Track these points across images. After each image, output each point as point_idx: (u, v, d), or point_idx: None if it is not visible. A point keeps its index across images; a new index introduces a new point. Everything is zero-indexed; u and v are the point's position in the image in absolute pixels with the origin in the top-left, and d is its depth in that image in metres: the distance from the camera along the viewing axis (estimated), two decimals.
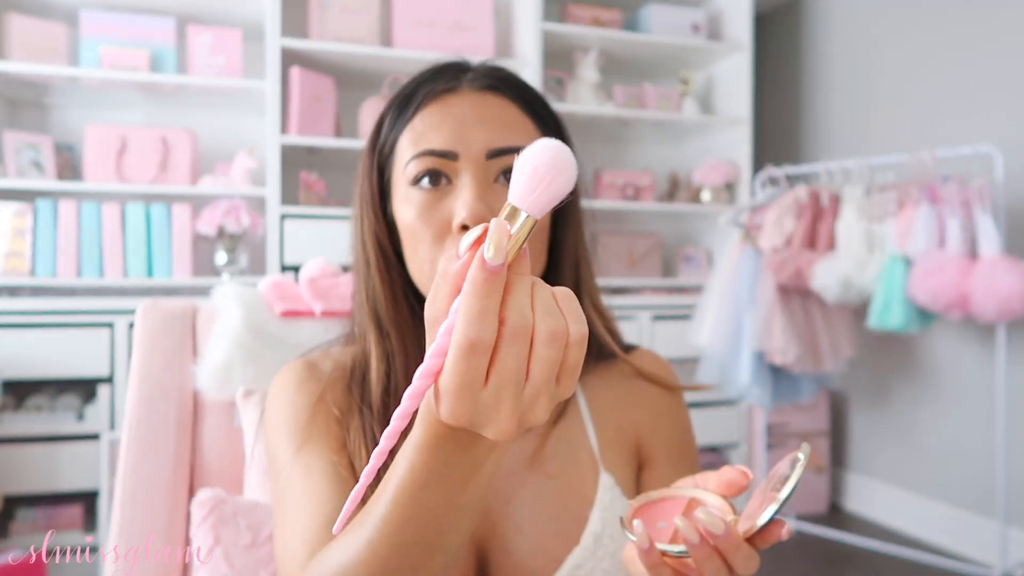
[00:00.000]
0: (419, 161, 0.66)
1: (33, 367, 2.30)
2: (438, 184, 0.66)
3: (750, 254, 2.64)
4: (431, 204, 0.66)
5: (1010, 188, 2.40)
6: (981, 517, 2.56)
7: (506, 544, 0.68)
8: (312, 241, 2.59)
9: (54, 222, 2.40)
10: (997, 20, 2.54)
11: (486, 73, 0.70)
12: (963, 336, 2.65)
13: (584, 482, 0.71)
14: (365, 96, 2.81)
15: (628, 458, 0.75)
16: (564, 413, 0.74)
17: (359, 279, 0.73)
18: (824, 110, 3.32)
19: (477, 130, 0.66)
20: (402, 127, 0.69)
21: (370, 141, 0.72)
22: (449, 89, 0.68)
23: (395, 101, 0.71)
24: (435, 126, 0.67)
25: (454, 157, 0.66)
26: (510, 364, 0.36)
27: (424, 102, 0.68)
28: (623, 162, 3.41)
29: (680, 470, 0.75)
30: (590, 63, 2.95)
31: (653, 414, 0.77)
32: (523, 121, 0.69)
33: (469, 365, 0.36)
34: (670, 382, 0.79)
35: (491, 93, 0.69)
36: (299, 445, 0.67)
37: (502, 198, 0.65)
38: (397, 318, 0.69)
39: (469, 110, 0.67)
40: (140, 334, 0.96)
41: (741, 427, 3.05)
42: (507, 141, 0.67)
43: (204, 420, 0.96)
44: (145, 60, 2.52)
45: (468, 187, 0.65)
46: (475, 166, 0.66)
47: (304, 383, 0.71)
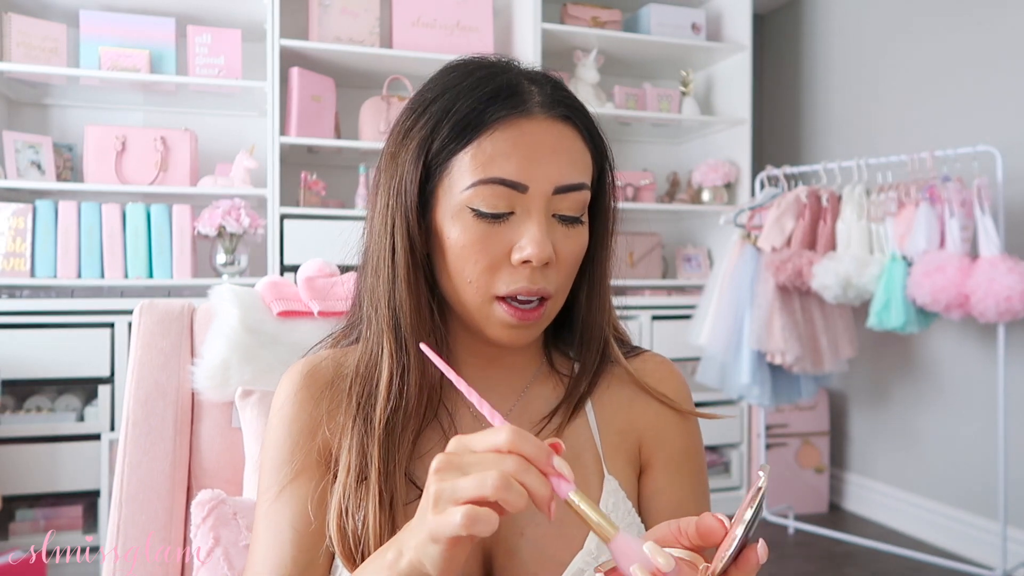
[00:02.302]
0: (487, 188, 0.63)
1: (33, 367, 2.30)
2: (500, 218, 0.64)
3: (750, 254, 2.64)
4: (490, 231, 0.64)
5: (1010, 188, 2.40)
6: (981, 517, 2.56)
7: (510, 547, 0.68)
8: (312, 241, 2.59)
9: (54, 222, 2.40)
10: (997, 20, 2.54)
11: (555, 98, 0.67)
12: (963, 336, 2.65)
13: (588, 485, 0.70)
14: (365, 96, 2.81)
15: (631, 462, 0.74)
16: (572, 415, 0.73)
17: (379, 284, 0.68)
18: (824, 110, 3.32)
19: (548, 164, 0.64)
20: (465, 143, 0.64)
21: (417, 144, 0.66)
22: (522, 113, 0.65)
23: (455, 109, 0.65)
24: (506, 154, 0.63)
25: (523, 190, 0.63)
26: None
27: (494, 124, 0.64)
28: (623, 162, 3.41)
29: (679, 480, 0.74)
30: (590, 63, 2.95)
31: (658, 419, 0.75)
32: (585, 153, 0.68)
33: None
34: (674, 400, 0.76)
35: (562, 123, 0.66)
36: (283, 484, 0.68)
37: (559, 232, 0.65)
38: (420, 330, 0.67)
39: (542, 140, 0.65)
40: (138, 334, 0.96)
41: (741, 427, 3.05)
42: (573, 178, 0.66)
43: (202, 420, 0.96)
44: (145, 60, 2.52)
45: (536, 224, 0.63)
46: (542, 201, 0.64)
47: (304, 403, 0.71)
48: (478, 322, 0.67)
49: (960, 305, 2.16)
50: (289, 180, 2.77)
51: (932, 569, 2.47)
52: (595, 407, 0.75)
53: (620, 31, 3.01)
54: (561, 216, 0.66)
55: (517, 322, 0.65)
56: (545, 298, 0.66)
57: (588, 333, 0.74)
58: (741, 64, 3.12)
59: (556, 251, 0.65)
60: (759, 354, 2.56)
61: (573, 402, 0.73)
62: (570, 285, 0.70)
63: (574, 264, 0.68)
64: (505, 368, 0.74)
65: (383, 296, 0.68)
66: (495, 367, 0.74)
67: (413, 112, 0.68)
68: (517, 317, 0.65)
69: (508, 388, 0.74)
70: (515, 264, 0.64)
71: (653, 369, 0.78)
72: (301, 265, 1.02)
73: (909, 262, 2.33)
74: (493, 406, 0.62)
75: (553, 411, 0.73)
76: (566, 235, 0.66)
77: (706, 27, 3.15)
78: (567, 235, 0.66)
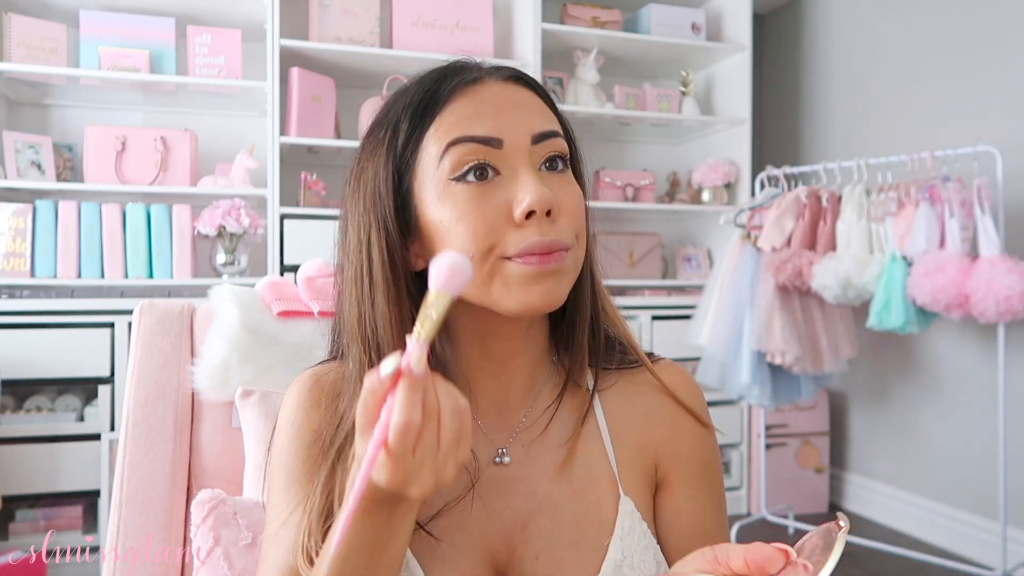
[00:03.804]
0: (459, 149, 0.60)
1: (33, 367, 2.30)
2: (485, 177, 0.61)
3: (750, 254, 2.64)
4: (480, 198, 0.60)
5: (1010, 188, 2.40)
6: (981, 518, 2.56)
7: (524, 570, 0.65)
8: (312, 241, 2.59)
9: (54, 222, 2.40)
10: (997, 20, 2.54)
11: (503, 67, 0.67)
12: (963, 336, 2.64)
13: (603, 506, 0.68)
14: (365, 96, 2.81)
15: (646, 480, 0.71)
16: (583, 426, 0.70)
17: (354, 297, 0.65)
18: (824, 110, 3.32)
19: (517, 116, 0.62)
20: (427, 123, 0.62)
21: (384, 150, 0.64)
22: (474, 80, 0.64)
23: (409, 102, 0.64)
24: (470, 115, 0.61)
25: (498, 144, 0.61)
26: (428, 437, 0.48)
27: (450, 96, 0.62)
28: (623, 162, 3.41)
29: (699, 495, 0.71)
30: (590, 63, 2.95)
31: (674, 432, 0.72)
32: (548, 110, 0.66)
33: (404, 442, 0.46)
34: (698, 410, 0.73)
35: (514, 83, 0.65)
36: (293, 506, 0.65)
37: (551, 182, 0.62)
38: (401, 346, 0.62)
39: (503, 99, 0.63)
40: (138, 334, 0.96)
41: (741, 427, 3.05)
42: (547, 125, 0.63)
43: (202, 420, 0.96)
44: (145, 60, 2.52)
45: (525, 173, 0.61)
46: (524, 152, 0.62)
47: (309, 413, 0.68)
48: (493, 297, 0.61)
49: (960, 305, 2.16)
50: (289, 180, 2.77)
51: (932, 569, 2.47)
52: (609, 420, 0.71)
53: (620, 31, 3.01)
54: (548, 164, 0.63)
55: (538, 269, 0.59)
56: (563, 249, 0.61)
57: (580, 312, 0.70)
58: (741, 64, 3.12)
59: (556, 201, 0.61)
60: (759, 354, 2.56)
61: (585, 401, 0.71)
62: (584, 239, 0.65)
63: (579, 214, 0.64)
64: (517, 367, 0.70)
65: (354, 311, 0.64)
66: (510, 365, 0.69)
67: (372, 130, 0.67)
68: (538, 263, 0.59)
69: (520, 394, 0.71)
70: (519, 221, 0.60)
71: (670, 379, 0.74)
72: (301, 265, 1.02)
73: (909, 262, 2.32)
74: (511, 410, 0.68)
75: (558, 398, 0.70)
76: (560, 185, 0.63)
77: (706, 27, 3.15)
78: (561, 185, 0.63)
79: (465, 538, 0.66)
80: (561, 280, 0.62)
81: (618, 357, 0.74)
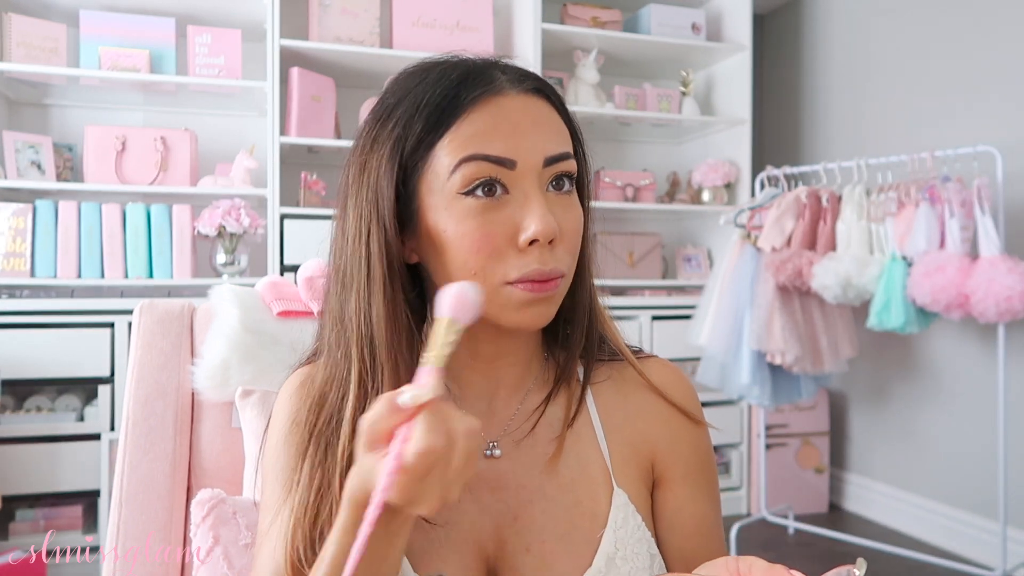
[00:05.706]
0: (472, 166, 0.60)
1: (33, 367, 2.30)
2: (493, 194, 0.61)
3: (750, 254, 2.64)
4: (487, 215, 0.61)
5: (1010, 188, 2.40)
6: (981, 518, 2.56)
7: (515, 564, 0.65)
8: (312, 241, 2.59)
9: (54, 222, 2.40)
10: (997, 20, 2.54)
11: (522, 74, 0.66)
12: (963, 336, 2.64)
13: (596, 499, 0.68)
14: (365, 96, 2.81)
15: (642, 475, 0.71)
16: (576, 420, 0.70)
17: (349, 295, 0.64)
18: (824, 110, 3.32)
19: (533, 137, 0.62)
20: (442, 130, 0.62)
21: (390, 147, 0.63)
22: (496, 91, 0.63)
23: (425, 101, 0.63)
24: (487, 131, 0.61)
25: (511, 166, 0.61)
26: (444, 460, 0.49)
27: (469, 106, 0.62)
28: (623, 162, 3.41)
29: (699, 494, 0.71)
30: (590, 63, 2.95)
31: (671, 430, 0.72)
32: (562, 125, 0.66)
33: (425, 465, 0.48)
34: (690, 408, 0.73)
35: (535, 96, 0.65)
36: (283, 500, 0.65)
37: (556, 206, 0.63)
38: (396, 346, 0.62)
39: (521, 115, 0.63)
40: (138, 334, 0.96)
41: (741, 427, 3.05)
42: (560, 147, 0.64)
43: (202, 420, 0.96)
44: (145, 60, 2.53)
45: (535, 200, 0.61)
46: (534, 175, 0.62)
47: (298, 418, 0.68)
48: (492, 312, 0.63)
49: (960, 305, 2.16)
50: (289, 180, 2.77)
51: (932, 569, 2.47)
52: (602, 415, 0.72)
53: (620, 31, 3.01)
54: (555, 187, 0.64)
55: (534, 296, 0.62)
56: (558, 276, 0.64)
57: (576, 312, 0.71)
58: (741, 64, 3.12)
59: (560, 228, 0.62)
60: (759, 354, 2.56)
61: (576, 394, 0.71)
62: (575, 265, 0.67)
63: (577, 240, 0.66)
64: (508, 365, 0.71)
65: (352, 310, 0.64)
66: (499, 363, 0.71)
67: (378, 120, 0.65)
68: (535, 291, 0.61)
69: (511, 389, 0.72)
70: (522, 247, 0.61)
71: (660, 375, 0.74)
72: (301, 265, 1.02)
73: (909, 262, 2.32)
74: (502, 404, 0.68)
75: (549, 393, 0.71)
76: (564, 208, 0.64)
77: (706, 27, 3.15)
78: (565, 208, 0.64)
79: (455, 531, 0.66)
80: (553, 305, 0.64)
81: (609, 351, 0.75)
